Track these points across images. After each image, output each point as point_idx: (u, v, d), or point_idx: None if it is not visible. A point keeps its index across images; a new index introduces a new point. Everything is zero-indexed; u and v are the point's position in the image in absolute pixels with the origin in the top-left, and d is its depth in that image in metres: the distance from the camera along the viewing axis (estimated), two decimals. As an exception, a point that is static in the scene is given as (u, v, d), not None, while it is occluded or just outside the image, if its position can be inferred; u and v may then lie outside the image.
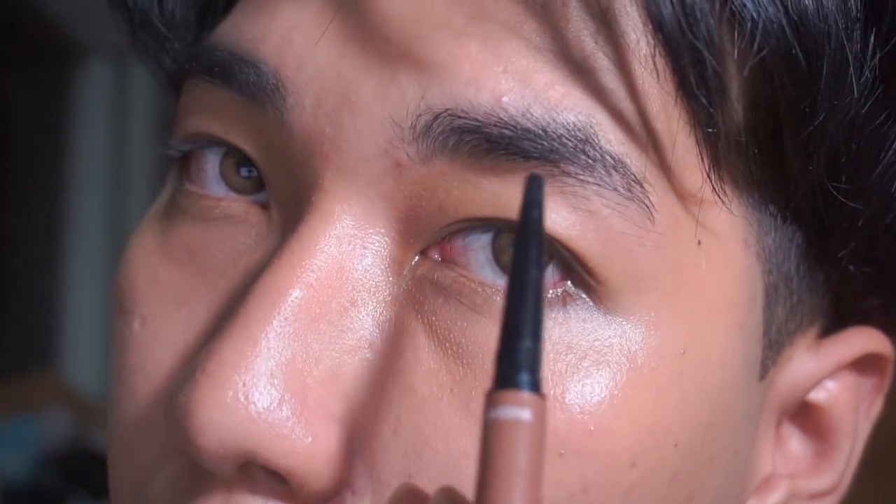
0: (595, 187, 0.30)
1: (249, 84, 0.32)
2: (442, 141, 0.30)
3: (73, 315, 2.14)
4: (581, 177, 0.30)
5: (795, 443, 0.38)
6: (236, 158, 0.34)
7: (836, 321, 0.38)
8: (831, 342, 0.37)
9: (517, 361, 0.26)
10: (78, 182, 2.19)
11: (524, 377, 0.26)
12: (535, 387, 0.26)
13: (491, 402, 0.26)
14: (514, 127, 0.30)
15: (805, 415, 0.38)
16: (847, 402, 0.38)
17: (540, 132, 0.30)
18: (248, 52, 0.33)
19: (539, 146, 0.30)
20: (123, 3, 0.39)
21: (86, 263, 2.15)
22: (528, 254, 0.27)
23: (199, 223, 0.35)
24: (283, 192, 0.33)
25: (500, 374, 0.26)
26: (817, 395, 0.37)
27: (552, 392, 0.31)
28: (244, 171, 0.34)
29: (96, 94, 2.21)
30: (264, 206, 0.34)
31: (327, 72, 0.32)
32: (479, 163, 0.30)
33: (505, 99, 0.30)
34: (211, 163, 0.35)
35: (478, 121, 0.30)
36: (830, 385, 0.38)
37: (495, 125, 0.30)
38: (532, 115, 0.30)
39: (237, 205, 0.34)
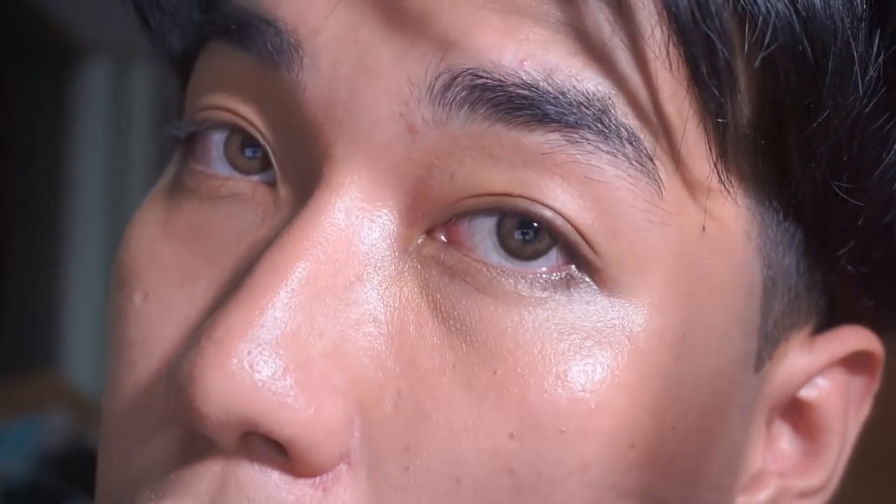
0: (609, 156, 0.31)
1: (267, 43, 0.33)
2: (461, 99, 0.31)
3: (73, 315, 2.14)
4: (597, 143, 0.31)
5: (786, 441, 0.39)
6: (241, 138, 0.34)
7: (830, 320, 0.39)
8: (824, 339, 0.38)
9: None
10: (78, 182, 2.19)
11: None
12: None
13: None
14: (536, 88, 0.30)
15: (796, 413, 0.38)
16: (837, 400, 0.38)
17: (560, 96, 0.30)
18: (267, 12, 0.33)
19: (558, 110, 0.30)
20: None
21: (86, 263, 2.15)
22: None
23: (205, 202, 0.35)
24: (292, 167, 0.33)
25: None
26: (809, 393, 0.38)
27: (554, 370, 0.31)
28: (249, 152, 0.34)
29: (96, 94, 2.22)
30: (271, 185, 0.34)
31: (345, 36, 0.32)
32: (494, 126, 0.31)
33: (527, 63, 0.30)
34: (215, 143, 0.35)
35: (500, 80, 0.30)
36: (821, 382, 0.38)
37: (516, 85, 0.30)
38: (553, 79, 0.30)
39: (244, 184, 0.34)
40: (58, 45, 2.16)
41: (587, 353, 0.31)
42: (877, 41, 0.32)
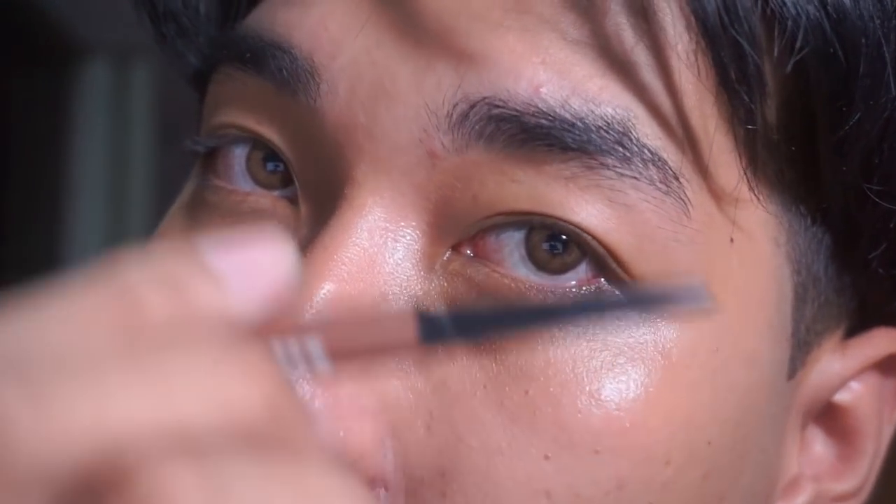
0: (632, 180, 0.30)
1: (282, 70, 0.32)
2: (478, 130, 0.30)
3: (74, 315, 2.13)
4: (618, 169, 0.30)
5: (819, 445, 0.38)
6: (263, 153, 0.34)
7: (861, 324, 0.38)
8: (857, 343, 0.37)
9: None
10: (78, 182, 2.19)
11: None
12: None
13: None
14: (553, 117, 0.30)
15: (830, 417, 0.38)
16: (870, 404, 0.38)
17: (578, 123, 0.30)
18: (281, 38, 0.33)
19: (577, 137, 0.30)
20: None
21: (86, 263, 2.14)
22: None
23: (227, 218, 0.34)
24: (313, 185, 0.33)
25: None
26: (842, 396, 0.38)
27: (587, 388, 0.31)
28: (270, 166, 0.34)
29: (96, 94, 2.21)
30: (292, 201, 0.34)
31: (362, 59, 0.31)
32: (514, 154, 0.30)
33: (543, 89, 0.30)
34: (237, 157, 0.35)
35: (516, 110, 0.30)
36: (855, 386, 0.38)
37: (533, 115, 0.30)
38: (571, 106, 0.30)
39: (265, 199, 0.34)
40: (58, 45, 2.16)
41: (620, 371, 0.31)
42: None
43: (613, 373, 0.31)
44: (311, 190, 0.33)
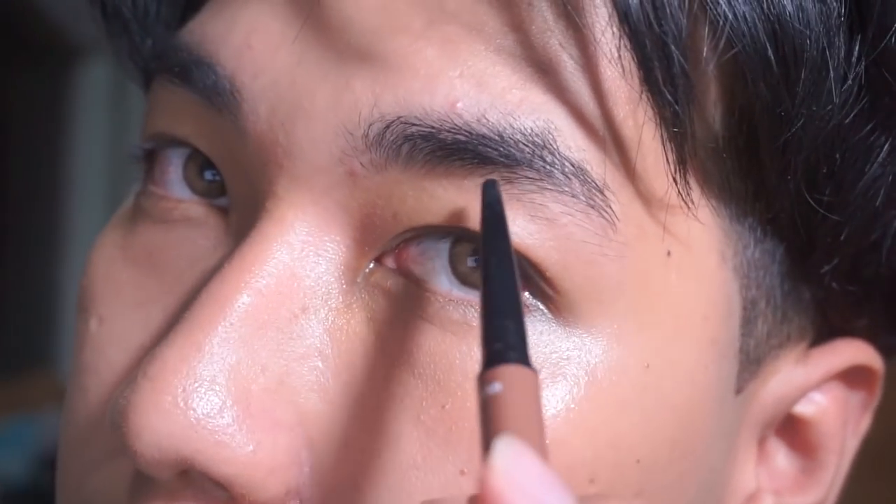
0: (554, 194, 0.30)
1: (207, 87, 0.32)
2: (395, 149, 0.30)
3: (72, 315, 2.13)
4: (539, 183, 0.30)
5: (782, 458, 0.38)
6: (200, 161, 0.34)
7: (827, 335, 0.37)
8: (819, 352, 0.37)
9: (494, 338, 0.26)
10: (77, 182, 2.19)
11: (498, 351, 0.25)
12: (513, 358, 0.25)
13: (480, 382, 0.26)
14: (469, 133, 0.29)
15: (792, 429, 0.37)
16: (835, 417, 0.37)
17: (496, 137, 0.29)
18: (208, 55, 0.32)
19: (495, 151, 0.29)
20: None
21: (84, 263, 2.14)
22: (499, 247, 0.27)
23: (159, 225, 0.34)
24: (242, 197, 0.33)
25: (483, 354, 0.26)
26: (806, 409, 0.37)
27: None
28: (208, 175, 0.34)
29: (96, 94, 2.21)
30: (225, 211, 0.34)
31: (282, 79, 0.31)
32: (434, 170, 0.30)
33: (459, 105, 0.29)
34: (174, 165, 0.34)
35: (432, 127, 0.29)
36: (819, 398, 0.37)
37: (449, 131, 0.29)
38: (487, 120, 0.29)
39: (197, 208, 0.34)
40: (58, 45, 2.16)
41: (541, 387, 0.30)
42: (857, 48, 0.30)
43: None
44: (240, 201, 0.33)
